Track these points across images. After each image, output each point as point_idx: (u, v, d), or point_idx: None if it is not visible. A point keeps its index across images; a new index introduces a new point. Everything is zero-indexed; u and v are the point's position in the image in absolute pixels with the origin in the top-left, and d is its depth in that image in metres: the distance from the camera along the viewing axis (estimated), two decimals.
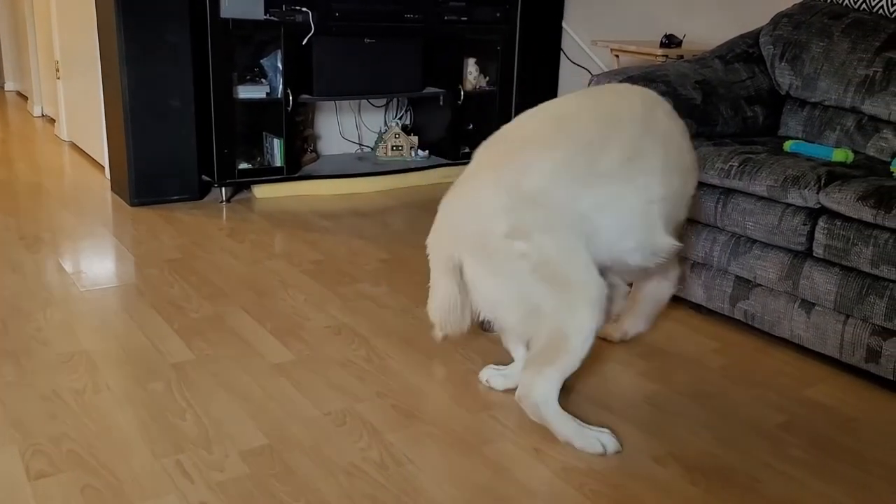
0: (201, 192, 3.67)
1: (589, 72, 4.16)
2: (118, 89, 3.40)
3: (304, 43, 3.65)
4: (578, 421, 1.82)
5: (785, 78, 2.83)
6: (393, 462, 1.72)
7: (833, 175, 2.18)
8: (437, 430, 1.85)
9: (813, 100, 2.77)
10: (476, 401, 1.99)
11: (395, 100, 4.40)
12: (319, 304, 2.55)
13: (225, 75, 3.49)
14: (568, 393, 2.04)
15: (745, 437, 1.87)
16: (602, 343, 2.33)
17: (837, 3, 2.83)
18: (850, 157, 2.44)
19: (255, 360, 2.16)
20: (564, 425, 1.79)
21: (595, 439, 1.77)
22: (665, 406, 2.01)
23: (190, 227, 3.27)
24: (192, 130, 3.53)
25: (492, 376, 2.07)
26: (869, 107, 2.59)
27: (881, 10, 2.68)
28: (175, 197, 3.59)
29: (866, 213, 2.04)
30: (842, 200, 2.09)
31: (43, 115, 5.56)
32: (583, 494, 1.64)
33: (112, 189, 3.76)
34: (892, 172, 2.33)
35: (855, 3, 2.76)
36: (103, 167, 4.01)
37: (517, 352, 2.03)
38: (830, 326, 2.15)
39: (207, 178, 3.65)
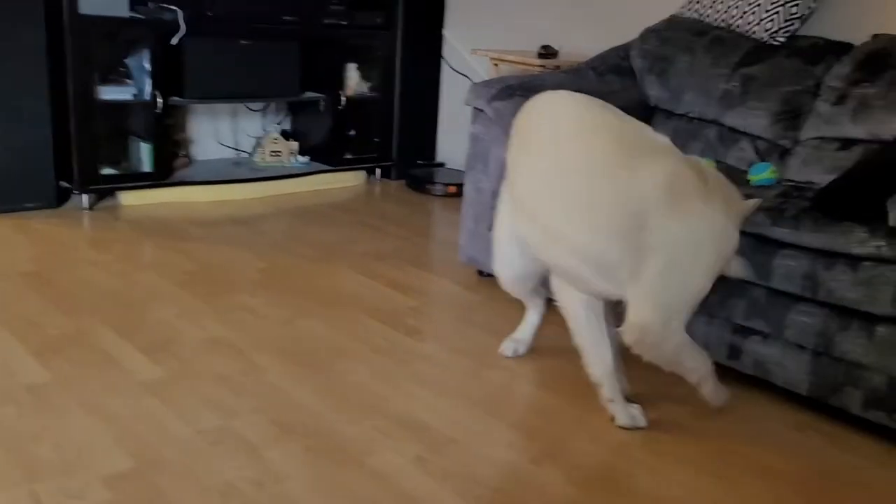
0: (59, 199, 3.44)
1: (470, 79, 4.21)
2: None
3: (174, 43, 3.49)
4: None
5: (654, 90, 2.96)
6: (271, 479, 1.66)
7: None
8: (317, 444, 1.80)
9: (679, 112, 2.91)
10: (358, 411, 1.96)
11: (273, 104, 4.29)
12: (193, 316, 2.44)
13: (85, 75, 3.29)
14: (453, 396, 2.04)
15: (619, 435, 1.93)
16: (484, 347, 2.35)
17: (700, 20, 2.98)
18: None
19: (121, 379, 2.03)
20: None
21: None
22: (544, 408, 2.04)
23: (47, 237, 3.05)
24: (49, 134, 3.30)
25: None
26: (729, 119, 2.75)
27: (738, 29, 2.85)
28: (29, 205, 3.34)
29: None
30: None
31: None
32: (465, 501, 1.64)
33: None
34: (750, 181, 2.48)
35: (715, 21, 2.93)
36: None
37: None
38: (697, 327, 2.26)
39: (66, 185, 3.43)
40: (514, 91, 2.67)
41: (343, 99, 4.08)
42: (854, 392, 1.96)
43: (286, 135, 4.27)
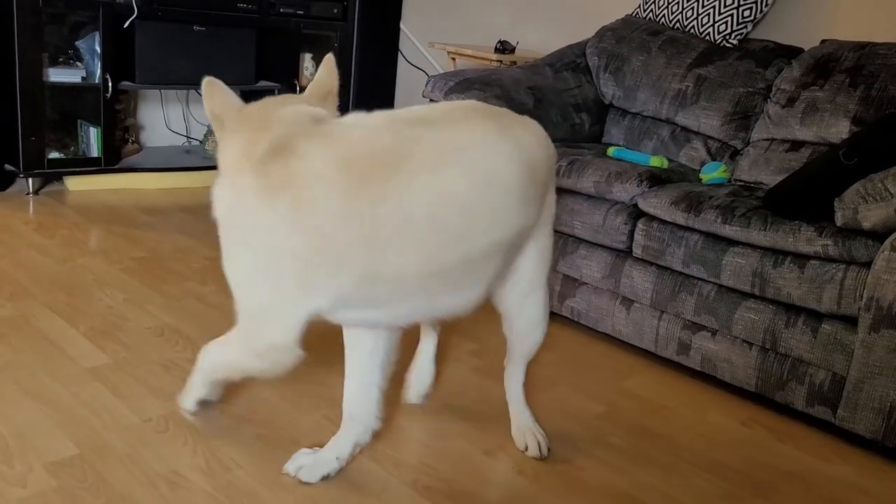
0: (4, 183, 3.33)
1: (426, 73, 4.20)
2: None
3: (125, 26, 3.40)
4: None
5: (608, 88, 2.99)
6: (220, 468, 1.63)
7: (652, 175, 2.35)
8: (267, 433, 1.78)
9: (633, 110, 2.95)
10: (309, 401, 1.94)
11: None
12: (140, 303, 2.38)
13: (33, 56, 3.18)
14: (404, 387, 2.03)
15: (569, 427, 1.95)
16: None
17: (655, 20, 3.03)
18: (665, 163, 2.62)
19: (66, 365, 1.97)
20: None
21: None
22: (495, 401, 2.05)
23: None
24: None
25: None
26: (681, 118, 2.80)
27: (692, 30, 2.90)
28: None
29: (679, 217, 2.19)
30: (657, 205, 2.24)
31: None
32: (416, 491, 1.63)
33: None
34: (701, 179, 2.52)
35: (670, 22, 2.98)
36: None
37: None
38: (647, 322, 2.30)
39: (11, 168, 3.32)
40: (472, 84, 2.67)
41: (298, 89, 4.03)
42: (799, 388, 2.02)
43: None
